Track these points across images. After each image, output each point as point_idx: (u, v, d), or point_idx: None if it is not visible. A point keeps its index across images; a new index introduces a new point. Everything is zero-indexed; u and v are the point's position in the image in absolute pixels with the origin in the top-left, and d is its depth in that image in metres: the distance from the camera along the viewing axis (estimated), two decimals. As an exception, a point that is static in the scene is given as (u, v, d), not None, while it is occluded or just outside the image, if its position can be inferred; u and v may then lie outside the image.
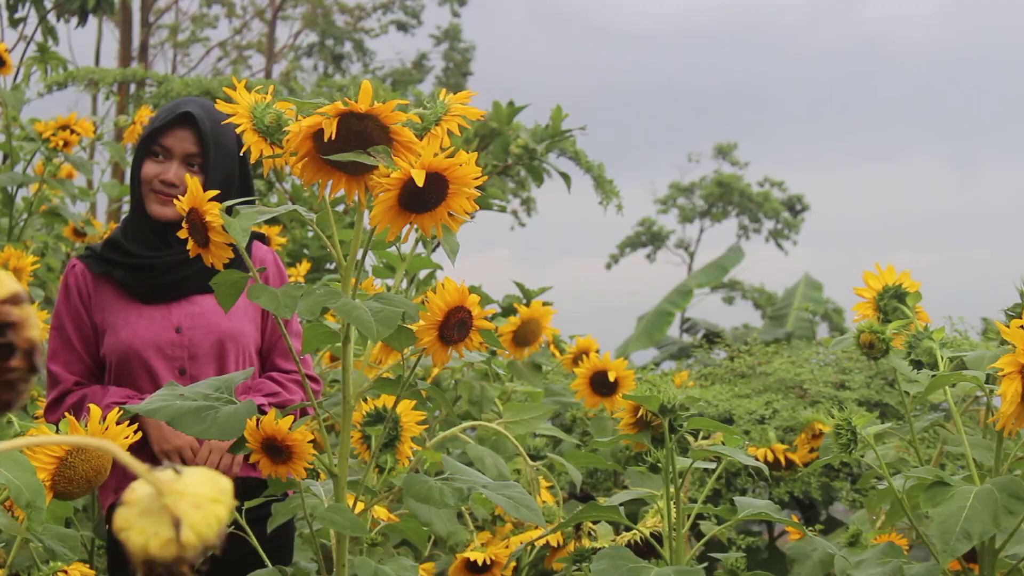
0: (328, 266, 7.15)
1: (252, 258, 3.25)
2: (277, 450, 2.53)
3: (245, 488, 3.19)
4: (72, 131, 5.85)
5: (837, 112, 61.12)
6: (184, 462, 3.32)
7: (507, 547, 3.39)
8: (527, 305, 4.46)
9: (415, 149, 2.25)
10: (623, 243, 33.42)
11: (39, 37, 9.70)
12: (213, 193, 2.39)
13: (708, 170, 37.15)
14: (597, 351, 4.52)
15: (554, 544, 3.32)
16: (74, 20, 10.29)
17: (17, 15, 9.87)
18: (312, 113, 2.26)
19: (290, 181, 7.61)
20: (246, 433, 2.52)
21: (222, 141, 3.38)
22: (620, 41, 63.43)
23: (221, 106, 2.44)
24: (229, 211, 2.38)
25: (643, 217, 33.39)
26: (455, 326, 2.41)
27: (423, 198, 2.24)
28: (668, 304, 18.13)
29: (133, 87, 14.65)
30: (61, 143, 5.81)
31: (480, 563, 3.29)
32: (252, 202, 3.38)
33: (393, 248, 2.82)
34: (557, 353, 5.07)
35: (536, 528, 3.32)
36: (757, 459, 3.42)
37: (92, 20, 10.62)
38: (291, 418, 2.53)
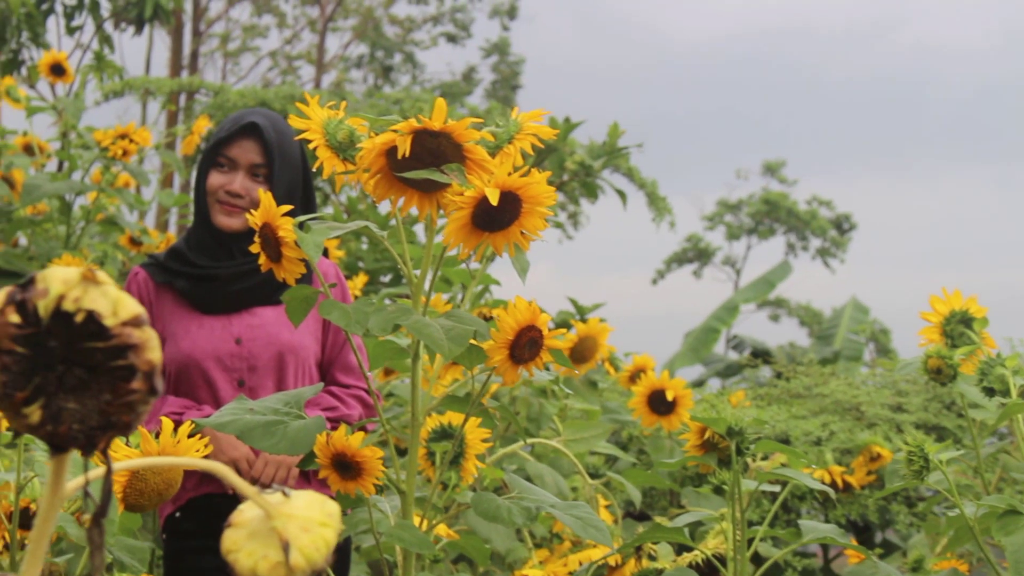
0: (383, 279, 7.16)
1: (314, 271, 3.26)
2: (347, 466, 2.53)
3: (303, 502, 3.20)
4: (131, 140, 5.88)
5: (886, 130, 60.84)
6: (239, 474, 3.32)
7: (565, 565, 3.38)
8: (583, 321, 4.45)
9: (488, 167, 2.25)
10: (670, 259, 33.31)
11: (95, 45, 9.77)
12: (286, 208, 2.39)
13: (756, 187, 37.11)
14: (654, 369, 4.51)
15: (612, 564, 3.31)
16: (130, 29, 10.36)
17: (74, 23, 9.94)
18: (385, 130, 2.26)
19: (345, 194, 7.63)
20: (315, 448, 2.52)
21: (287, 152, 3.38)
22: (670, 55, 63.37)
23: (294, 121, 2.45)
24: (300, 225, 2.39)
25: (690, 233, 33.27)
26: (526, 345, 2.40)
27: (497, 216, 2.24)
28: (715, 321, 18.06)
29: (183, 97, 14.73)
30: (120, 152, 5.84)
31: (539, 581, 3.28)
32: (314, 212, 3.39)
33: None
34: (612, 370, 5.06)
35: (596, 547, 3.31)
36: (823, 482, 3.40)
37: (144, 28, 10.67)
38: (361, 434, 2.52)
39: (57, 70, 6.56)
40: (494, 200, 2.16)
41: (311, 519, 0.93)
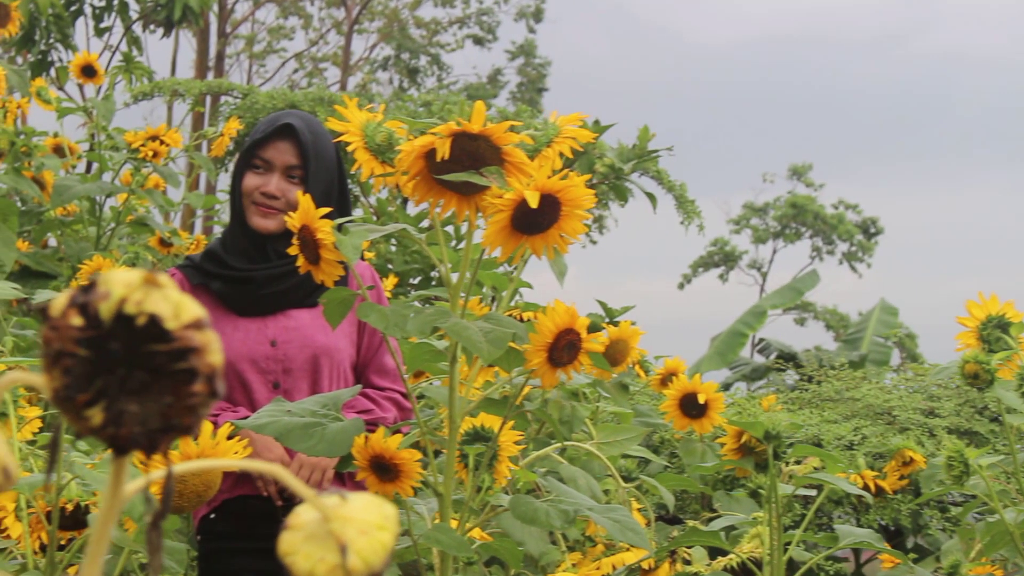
0: (412, 280, 7.17)
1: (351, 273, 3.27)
2: (385, 468, 2.53)
3: (337, 503, 3.20)
4: (161, 142, 5.89)
5: (912, 134, 60.68)
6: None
7: (598, 568, 3.37)
8: (613, 324, 4.43)
9: (526, 170, 2.25)
10: (696, 263, 33.31)
11: (123, 47, 9.80)
12: (325, 210, 2.39)
13: (782, 191, 37.01)
14: (685, 373, 4.50)
15: (645, 567, 3.30)
16: (155, 30, 10.40)
17: (103, 25, 9.98)
18: (424, 132, 2.26)
19: (375, 196, 7.63)
20: (354, 450, 2.52)
21: (322, 153, 3.39)
22: (696, 57, 63.33)
23: (332, 123, 2.45)
24: (338, 227, 2.39)
25: (716, 237, 33.28)
26: (564, 348, 2.40)
27: (536, 219, 2.23)
28: (742, 325, 18.01)
29: (209, 99, 14.76)
30: (150, 154, 5.85)
31: (571, 584, 3.28)
32: (350, 214, 3.40)
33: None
34: (642, 374, 5.05)
35: (629, 550, 3.30)
36: (864, 487, 3.39)
37: (173, 30, 10.71)
38: (400, 436, 2.53)
39: (88, 71, 6.57)
40: (534, 203, 2.16)
41: (369, 522, 0.93)
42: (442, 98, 11.71)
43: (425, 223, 6.91)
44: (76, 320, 0.79)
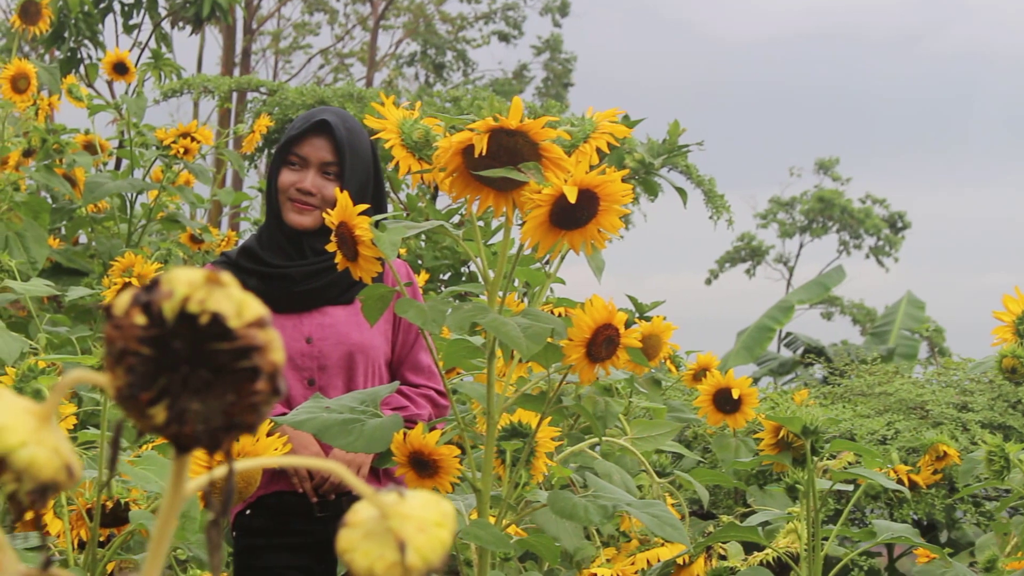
0: (442, 276, 7.17)
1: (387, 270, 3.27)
2: (424, 464, 2.53)
3: (372, 499, 3.21)
4: (193, 139, 5.91)
5: (939, 128, 60.49)
6: (310, 473, 3.34)
7: (632, 564, 3.37)
8: (644, 319, 4.43)
9: (564, 166, 2.25)
10: (722, 258, 33.24)
11: (152, 44, 9.81)
12: (363, 207, 2.40)
13: (809, 185, 36.92)
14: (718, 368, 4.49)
15: (679, 562, 3.30)
16: (186, 28, 10.42)
17: (131, 22, 9.99)
18: (460, 129, 2.26)
19: (405, 192, 7.64)
20: (392, 447, 2.52)
21: (357, 149, 3.39)
22: (721, 52, 63.22)
23: (370, 121, 2.45)
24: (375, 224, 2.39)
25: (743, 232, 33.20)
26: (603, 344, 2.40)
27: (574, 215, 2.24)
28: (769, 320, 17.97)
29: (235, 95, 14.77)
30: (182, 150, 5.87)
31: (607, 579, 3.28)
32: (386, 210, 3.41)
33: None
34: (673, 369, 5.04)
35: (663, 546, 3.30)
36: (898, 482, 3.38)
37: (202, 27, 10.72)
38: (438, 432, 2.53)
39: (120, 69, 6.60)
40: (572, 198, 2.16)
41: (427, 519, 0.93)
42: (472, 92, 11.71)
43: (455, 219, 6.92)
44: (139, 319, 0.80)
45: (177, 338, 0.81)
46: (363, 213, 2.40)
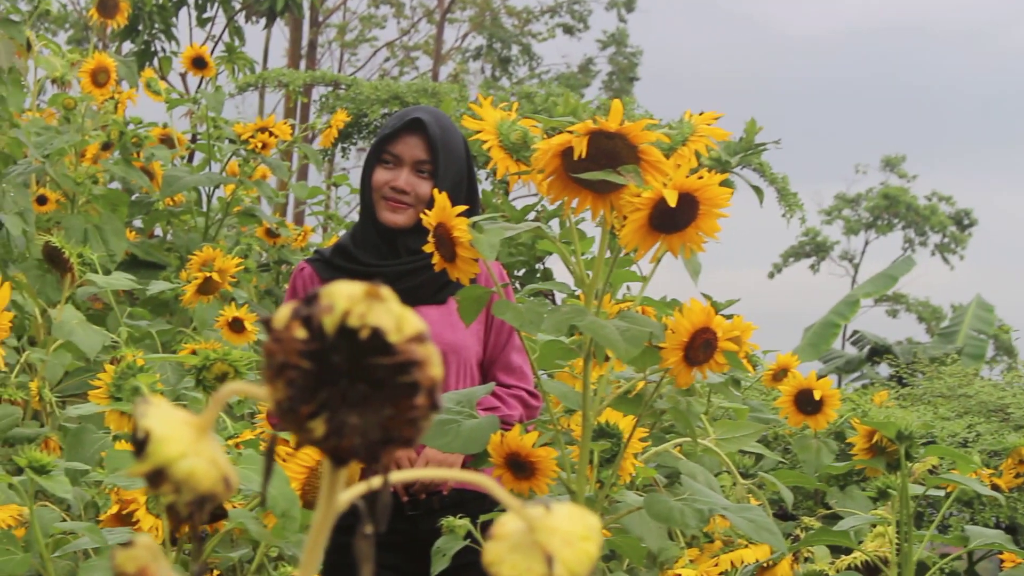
0: (516, 273, 7.16)
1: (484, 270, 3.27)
2: (521, 465, 2.53)
3: (462, 500, 3.22)
4: (271, 133, 5.94)
5: (1007, 125, 59.94)
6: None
7: (716, 565, 3.36)
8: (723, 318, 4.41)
9: (662, 168, 2.25)
10: (787, 253, 33.10)
11: (225, 38, 9.88)
12: (460, 208, 2.40)
13: (875, 182, 36.69)
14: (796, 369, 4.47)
15: (764, 564, 3.29)
16: (259, 21, 10.48)
17: (205, 15, 10.06)
18: (560, 131, 2.26)
19: (480, 190, 7.65)
20: (489, 448, 2.53)
21: (451, 148, 3.38)
22: (788, 47, 62.93)
23: (467, 122, 2.46)
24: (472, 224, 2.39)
25: (808, 227, 33.02)
26: (700, 347, 2.39)
27: (674, 218, 2.23)
28: (834, 315, 17.83)
29: (302, 89, 14.82)
30: (260, 145, 5.91)
31: (691, 580, 3.27)
32: (479, 209, 3.41)
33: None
34: (750, 368, 5.02)
35: (747, 547, 3.29)
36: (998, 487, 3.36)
37: (276, 21, 10.78)
38: (535, 434, 2.53)
39: (199, 63, 6.65)
40: (672, 201, 2.16)
41: (573, 532, 0.93)
42: (545, 88, 11.71)
43: (531, 216, 6.92)
44: (300, 333, 0.80)
45: (337, 352, 0.81)
46: (460, 214, 2.40)
